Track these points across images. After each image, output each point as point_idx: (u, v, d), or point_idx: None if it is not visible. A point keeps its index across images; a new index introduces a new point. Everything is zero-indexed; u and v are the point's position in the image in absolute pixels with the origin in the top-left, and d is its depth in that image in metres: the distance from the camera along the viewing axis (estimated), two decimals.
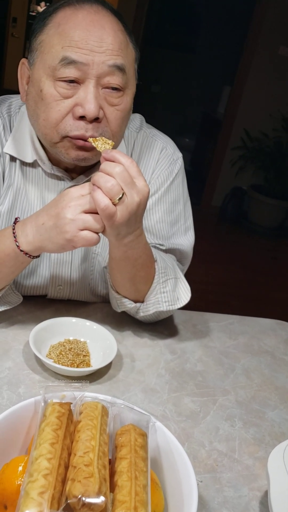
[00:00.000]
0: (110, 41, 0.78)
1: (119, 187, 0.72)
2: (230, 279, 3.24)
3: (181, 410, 0.80)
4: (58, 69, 0.78)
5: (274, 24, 3.83)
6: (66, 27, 0.78)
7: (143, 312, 0.94)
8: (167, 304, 0.92)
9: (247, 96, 4.06)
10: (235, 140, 4.19)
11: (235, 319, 1.11)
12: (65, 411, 0.57)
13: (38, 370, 0.81)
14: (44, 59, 0.80)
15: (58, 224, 0.75)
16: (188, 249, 1.04)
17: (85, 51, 0.77)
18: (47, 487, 0.47)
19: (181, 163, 1.02)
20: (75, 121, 0.80)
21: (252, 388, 0.89)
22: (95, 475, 0.48)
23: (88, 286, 1.03)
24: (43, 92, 0.80)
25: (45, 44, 0.80)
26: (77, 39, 0.77)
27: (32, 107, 0.85)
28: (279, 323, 1.14)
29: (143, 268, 0.88)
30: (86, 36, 0.77)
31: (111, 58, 0.78)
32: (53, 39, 0.79)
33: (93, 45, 0.77)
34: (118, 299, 0.94)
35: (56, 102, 0.80)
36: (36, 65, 0.82)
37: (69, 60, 0.77)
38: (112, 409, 0.61)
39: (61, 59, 0.77)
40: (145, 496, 0.50)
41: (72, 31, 0.77)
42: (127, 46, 0.82)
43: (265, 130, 4.10)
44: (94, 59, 0.77)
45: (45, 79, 0.80)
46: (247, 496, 0.67)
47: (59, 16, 0.80)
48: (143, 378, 0.85)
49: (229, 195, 4.29)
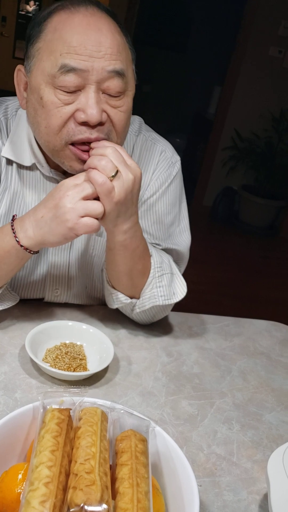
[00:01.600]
0: (108, 45, 0.77)
1: (112, 164, 0.75)
2: (222, 278, 3.25)
3: (178, 413, 0.79)
4: (58, 77, 0.76)
5: (264, 24, 3.84)
6: (63, 32, 0.76)
7: (139, 308, 0.93)
8: (163, 299, 0.92)
9: (238, 96, 4.07)
10: (226, 140, 4.20)
11: (231, 320, 1.11)
12: (64, 417, 0.56)
13: (34, 375, 0.81)
14: (43, 66, 0.78)
15: (58, 214, 0.76)
16: (185, 249, 1.04)
17: (84, 57, 0.76)
18: (49, 495, 0.47)
19: (179, 166, 1.03)
20: (78, 126, 0.79)
21: (248, 390, 0.89)
22: (97, 482, 0.48)
23: (85, 289, 1.02)
24: (44, 99, 0.79)
25: (42, 51, 0.78)
26: (75, 45, 0.75)
27: (32, 115, 0.84)
28: (274, 324, 1.14)
29: (140, 260, 0.88)
30: (84, 41, 0.76)
31: (110, 63, 0.77)
32: (50, 46, 0.77)
33: (92, 50, 0.76)
34: (114, 295, 0.93)
35: (57, 109, 0.79)
36: (34, 72, 0.80)
37: (69, 68, 0.76)
38: (112, 414, 0.60)
39: (60, 67, 0.76)
40: (147, 503, 0.49)
41: (70, 37, 0.76)
42: (124, 48, 0.81)
43: (255, 130, 4.11)
44: (94, 65, 0.76)
45: (45, 86, 0.78)
46: (246, 500, 0.67)
47: (55, 21, 0.78)
48: (140, 382, 0.85)
49: (220, 195, 4.30)
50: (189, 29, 5.31)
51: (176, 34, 5.35)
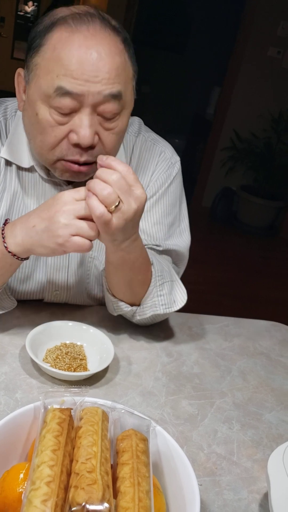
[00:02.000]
0: (106, 70, 0.75)
1: (115, 195, 0.71)
2: (221, 279, 3.25)
3: (179, 413, 0.80)
4: (53, 98, 0.76)
5: (263, 25, 3.85)
6: (61, 53, 0.75)
7: (139, 316, 0.94)
8: (164, 307, 0.92)
9: (237, 97, 4.08)
10: (225, 140, 4.20)
11: (230, 321, 1.11)
12: (65, 417, 0.56)
13: (35, 375, 0.81)
14: (39, 83, 0.78)
15: (50, 227, 0.74)
16: (184, 250, 1.04)
17: (80, 82, 0.75)
18: (50, 494, 0.47)
19: (179, 167, 1.03)
20: (70, 147, 0.80)
21: (248, 390, 0.89)
22: (98, 481, 0.48)
23: (85, 290, 1.02)
24: (39, 116, 0.79)
25: (40, 68, 0.77)
26: (72, 68, 0.74)
27: (28, 125, 0.84)
28: (274, 325, 1.14)
29: (140, 272, 0.88)
30: (82, 66, 0.74)
31: (107, 88, 0.76)
32: (48, 65, 0.76)
33: (89, 75, 0.75)
34: (114, 303, 0.93)
35: (52, 128, 0.79)
36: (32, 86, 0.80)
37: (64, 91, 0.75)
38: (112, 414, 0.61)
39: (56, 89, 0.75)
40: (149, 502, 0.50)
41: (68, 59, 0.74)
42: (124, 68, 0.79)
43: (254, 131, 4.12)
44: (90, 90, 0.75)
45: (40, 103, 0.78)
46: (246, 499, 0.67)
47: (55, 38, 0.76)
48: (140, 382, 0.85)
49: (219, 196, 4.31)
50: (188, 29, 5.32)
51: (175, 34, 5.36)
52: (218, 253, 3.70)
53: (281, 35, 3.90)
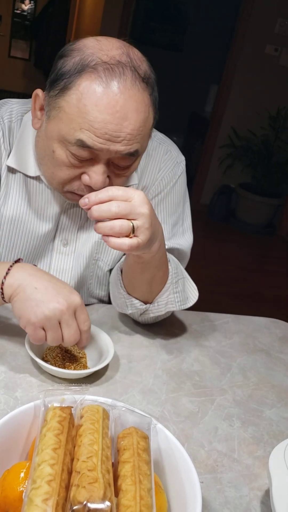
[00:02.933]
0: (129, 131, 0.75)
1: (126, 222, 0.70)
2: (220, 276, 3.25)
3: (179, 410, 0.79)
4: (72, 146, 0.76)
5: (260, 22, 3.84)
6: (88, 107, 0.73)
7: (153, 313, 0.93)
8: (179, 304, 0.93)
9: (235, 94, 4.07)
10: (223, 138, 4.20)
11: (230, 318, 1.11)
12: (66, 415, 0.56)
13: (34, 373, 0.80)
14: (60, 127, 0.77)
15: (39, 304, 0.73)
16: (186, 249, 1.04)
17: (101, 140, 0.75)
18: (51, 493, 0.47)
19: (183, 166, 1.03)
20: (81, 184, 0.81)
21: (249, 387, 0.89)
22: (100, 480, 0.48)
23: (87, 290, 1.02)
24: (55, 154, 0.79)
25: (63, 112, 0.76)
26: (96, 127, 0.74)
27: (41, 150, 0.85)
28: (273, 321, 1.14)
29: (162, 268, 0.88)
30: (106, 125, 0.73)
31: (126, 148, 0.76)
32: (72, 112, 0.75)
33: (111, 135, 0.74)
34: (128, 300, 0.93)
35: (66, 168, 0.80)
36: (52, 124, 0.79)
37: (84, 145, 0.75)
38: (113, 412, 0.60)
39: (77, 141, 0.75)
40: (150, 500, 0.49)
41: (93, 116, 0.73)
42: (146, 123, 0.78)
43: (252, 128, 4.12)
44: (110, 148, 0.76)
45: (58, 144, 0.79)
46: (248, 496, 0.67)
47: (83, 86, 0.73)
48: (141, 379, 0.85)
49: (217, 193, 4.30)
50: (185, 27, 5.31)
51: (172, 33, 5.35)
52: (217, 251, 3.70)
53: (279, 32, 3.89)
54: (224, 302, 2.89)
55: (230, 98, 4.09)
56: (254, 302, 2.99)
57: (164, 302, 0.92)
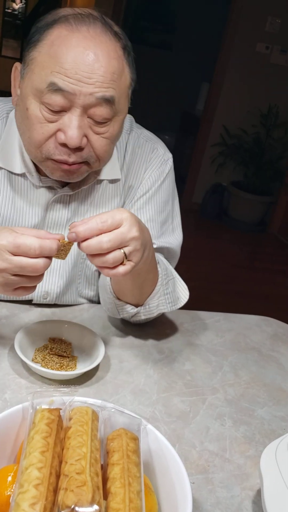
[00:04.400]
0: (101, 73, 0.74)
1: (118, 252, 0.69)
2: (212, 274, 3.25)
3: (170, 410, 0.79)
4: (45, 94, 0.75)
5: (251, 20, 3.85)
6: (58, 50, 0.74)
7: (144, 315, 0.93)
8: (170, 305, 0.92)
9: (226, 93, 4.07)
10: (215, 136, 4.20)
11: (221, 316, 1.11)
12: (54, 417, 0.55)
13: (24, 375, 0.80)
14: (33, 78, 0.77)
15: None
16: (176, 247, 1.04)
17: (73, 81, 0.74)
18: (39, 497, 0.46)
19: (171, 164, 1.02)
20: (58, 146, 0.78)
21: (240, 386, 0.89)
22: (88, 483, 0.47)
23: (76, 290, 1.01)
24: (29, 111, 0.78)
25: (35, 63, 0.76)
26: (67, 67, 0.73)
27: (19, 120, 0.84)
28: (264, 319, 1.14)
29: (152, 271, 0.87)
30: (77, 66, 0.73)
31: (100, 91, 0.75)
32: (44, 60, 0.75)
33: (83, 76, 0.74)
34: (119, 306, 0.92)
35: (40, 125, 0.78)
36: (25, 81, 0.79)
37: (56, 87, 0.74)
38: (102, 413, 0.60)
39: (49, 85, 0.74)
40: (139, 503, 0.49)
41: (64, 57, 0.73)
42: (121, 74, 0.78)
43: (243, 126, 4.12)
44: (82, 90, 0.74)
45: (32, 98, 0.77)
46: (239, 496, 0.66)
47: (54, 34, 0.75)
48: (132, 379, 0.84)
49: (209, 192, 4.31)
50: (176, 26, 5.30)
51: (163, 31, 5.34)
52: (209, 249, 3.71)
53: (269, 30, 3.90)
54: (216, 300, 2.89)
55: (221, 97, 4.09)
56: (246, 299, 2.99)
57: (155, 304, 0.91)
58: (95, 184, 0.94)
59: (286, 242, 4.10)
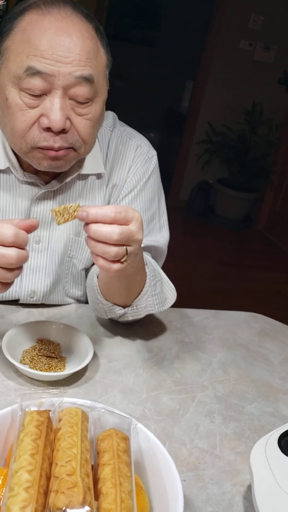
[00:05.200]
0: (77, 51, 0.74)
1: (122, 250, 0.68)
2: (199, 272, 3.26)
3: (160, 409, 0.79)
4: (23, 79, 0.74)
5: (234, 17, 3.86)
6: (31, 34, 0.74)
7: (132, 316, 0.92)
8: (158, 307, 0.92)
9: (210, 90, 4.08)
10: (200, 134, 4.21)
11: (209, 313, 1.11)
12: (44, 419, 0.55)
13: (12, 377, 0.79)
14: (9, 66, 0.76)
15: None
16: (163, 246, 1.03)
17: (50, 62, 0.73)
18: (29, 500, 0.45)
19: (155, 161, 1.01)
20: (42, 132, 0.77)
21: (229, 382, 0.89)
22: (79, 484, 0.47)
23: (63, 289, 1.01)
24: (8, 100, 0.77)
25: (10, 51, 0.76)
26: (42, 49, 0.73)
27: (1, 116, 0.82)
28: (252, 316, 1.15)
29: (140, 272, 0.86)
30: (52, 46, 0.73)
31: (78, 69, 0.75)
32: (18, 46, 0.75)
33: (59, 55, 0.73)
34: (106, 307, 0.91)
35: (22, 112, 0.77)
36: (2, 71, 0.78)
37: (34, 71, 0.73)
38: (92, 413, 0.59)
39: (26, 69, 0.74)
40: (131, 503, 0.49)
41: (38, 40, 0.73)
42: (97, 54, 0.78)
43: (228, 123, 4.13)
44: (60, 70, 0.74)
45: (10, 87, 0.77)
46: (230, 492, 0.67)
47: (26, 21, 0.75)
48: (121, 379, 0.84)
49: (195, 189, 4.31)
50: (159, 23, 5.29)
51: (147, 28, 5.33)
52: (196, 247, 3.72)
53: (252, 27, 3.91)
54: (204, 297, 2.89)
55: (206, 94, 4.10)
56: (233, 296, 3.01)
57: (143, 305, 0.91)
58: (79, 179, 0.93)
59: (272, 238, 4.13)
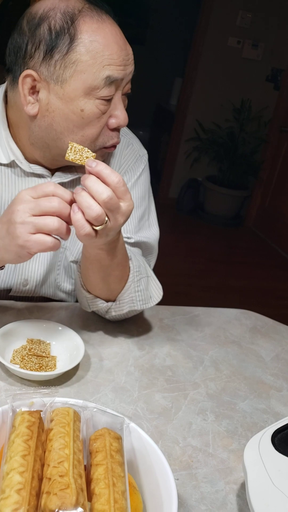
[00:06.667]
0: (129, 51, 0.81)
1: (104, 216, 0.69)
2: (189, 269, 3.26)
3: (152, 407, 0.78)
4: (101, 88, 0.78)
5: (222, 15, 3.86)
6: (100, 45, 0.77)
7: (115, 312, 0.92)
8: (141, 303, 0.91)
9: (199, 87, 4.08)
10: (189, 131, 4.21)
11: (201, 311, 1.11)
12: (35, 419, 0.54)
13: (2, 377, 0.78)
14: (84, 79, 0.78)
15: (9, 230, 0.71)
16: (154, 242, 1.04)
17: (121, 67, 0.80)
18: (21, 503, 0.45)
19: (146, 160, 1.02)
20: (110, 132, 0.84)
21: (221, 380, 0.89)
22: (71, 485, 0.46)
23: (54, 281, 1.00)
24: (85, 111, 0.80)
25: (80, 64, 0.77)
26: (114, 57, 0.78)
27: (61, 124, 0.81)
28: (243, 313, 1.15)
29: (118, 267, 0.86)
30: (119, 52, 0.79)
31: (132, 67, 0.82)
32: (89, 58, 0.77)
33: (124, 59, 0.80)
34: (89, 299, 0.91)
35: (98, 119, 0.82)
36: (71, 84, 0.78)
37: (113, 79, 0.79)
38: (84, 413, 0.59)
39: (105, 78, 0.78)
40: (124, 503, 0.48)
41: (108, 49, 0.78)
42: None
43: (217, 121, 4.14)
44: (126, 72, 0.81)
45: (84, 98, 0.79)
46: (223, 490, 0.66)
47: (85, 31, 0.77)
48: (113, 377, 0.83)
49: (185, 187, 4.31)
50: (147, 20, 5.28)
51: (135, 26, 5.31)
52: (186, 244, 3.72)
53: (240, 25, 3.92)
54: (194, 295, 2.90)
55: (194, 91, 4.10)
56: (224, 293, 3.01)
57: (126, 300, 0.90)
58: None
59: (262, 235, 4.14)
